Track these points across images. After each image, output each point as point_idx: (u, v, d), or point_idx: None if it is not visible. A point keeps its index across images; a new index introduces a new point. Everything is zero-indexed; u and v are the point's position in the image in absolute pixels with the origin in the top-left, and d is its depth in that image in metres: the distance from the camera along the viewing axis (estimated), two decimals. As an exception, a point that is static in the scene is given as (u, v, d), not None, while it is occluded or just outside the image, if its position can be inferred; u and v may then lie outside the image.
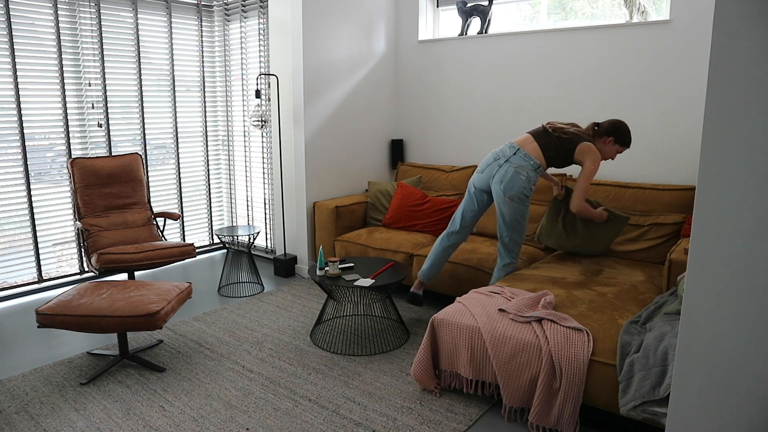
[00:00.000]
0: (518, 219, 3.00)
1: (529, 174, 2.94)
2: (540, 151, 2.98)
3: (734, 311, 1.21)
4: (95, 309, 2.64)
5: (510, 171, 2.95)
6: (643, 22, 3.53)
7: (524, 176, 2.93)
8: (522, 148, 2.99)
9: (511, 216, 2.99)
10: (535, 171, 2.96)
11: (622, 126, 3.02)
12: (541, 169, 2.98)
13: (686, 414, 1.31)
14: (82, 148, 4.20)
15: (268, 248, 4.97)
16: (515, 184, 2.93)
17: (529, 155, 2.96)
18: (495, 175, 3.00)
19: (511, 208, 2.97)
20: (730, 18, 1.12)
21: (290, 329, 3.37)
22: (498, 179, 2.98)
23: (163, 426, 2.36)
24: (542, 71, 3.99)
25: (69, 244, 4.23)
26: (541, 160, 2.97)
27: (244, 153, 5.01)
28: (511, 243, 3.07)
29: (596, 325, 2.36)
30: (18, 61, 3.79)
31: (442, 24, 4.72)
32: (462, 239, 3.26)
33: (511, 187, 2.93)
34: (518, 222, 3.01)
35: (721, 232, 1.19)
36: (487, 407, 2.50)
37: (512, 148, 3.02)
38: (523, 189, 2.94)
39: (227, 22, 4.92)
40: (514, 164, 2.95)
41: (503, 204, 2.98)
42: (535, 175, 2.96)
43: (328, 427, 2.35)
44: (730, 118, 1.15)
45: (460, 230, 3.21)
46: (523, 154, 2.97)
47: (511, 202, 2.95)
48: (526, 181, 2.93)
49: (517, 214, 2.98)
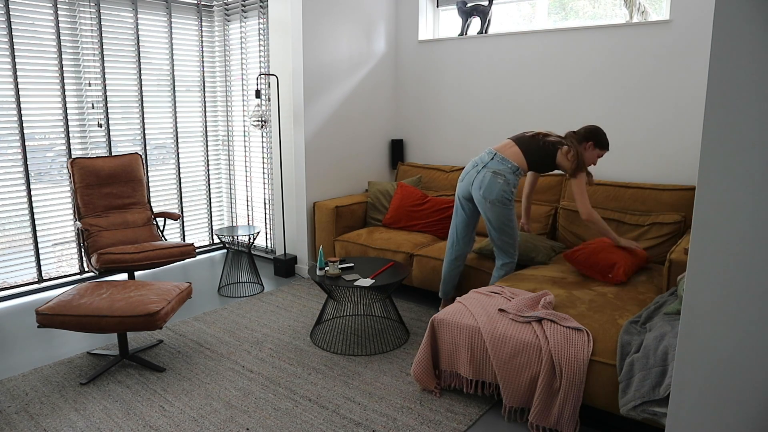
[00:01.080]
0: (504, 222, 3.01)
1: (507, 177, 2.96)
2: (521, 154, 3.01)
3: (734, 311, 1.21)
4: (95, 309, 2.64)
5: (488, 176, 2.97)
6: (643, 22, 3.53)
7: (502, 180, 2.95)
8: (500, 153, 3.02)
9: (496, 220, 3.01)
10: (514, 174, 2.98)
11: (598, 130, 3.02)
12: (520, 171, 2.99)
13: (686, 414, 1.31)
14: (82, 148, 4.20)
15: (268, 248, 4.97)
16: (494, 188, 2.95)
17: (507, 159, 2.99)
18: (474, 181, 3.04)
19: (494, 212, 2.99)
20: (730, 18, 1.12)
21: (290, 329, 3.38)
22: (477, 185, 3.01)
23: (163, 426, 2.36)
24: (542, 71, 3.99)
25: (69, 244, 4.23)
26: (521, 164, 2.99)
27: (244, 153, 5.01)
28: (503, 245, 3.09)
29: (596, 325, 2.36)
30: (18, 61, 3.79)
31: (442, 24, 4.72)
32: (465, 249, 3.27)
33: (490, 191, 2.96)
34: (505, 225, 3.02)
35: (721, 232, 1.19)
36: (487, 407, 2.50)
37: (490, 153, 3.05)
38: (503, 192, 2.95)
39: (227, 22, 4.92)
40: (492, 168, 2.98)
41: (486, 209, 3.00)
42: (515, 178, 2.98)
43: (328, 427, 2.35)
44: (730, 118, 1.15)
45: (458, 242, 3.25)
46: (500, 158, 3.00)
47: (492, 206, 2.97)
48: (504, 185, 2.95)
49: (502, 217, 3.00)
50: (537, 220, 3.72)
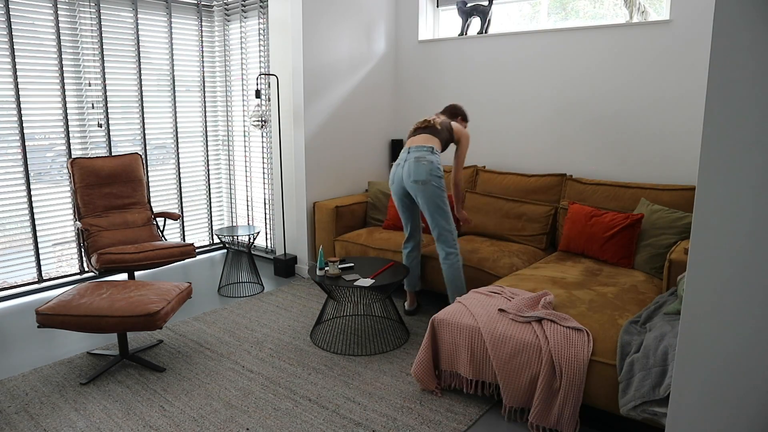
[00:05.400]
0: (438, 203, 3.20)
1: (428, 157, 3.19)
2: (429, 136, 3.31)
3: (734, 311, 1.21)
4: (95, 309, 2.64)
5: (411, 163, 3.21)
6: (643, 22, 3.53)
7: (425, 162, 3.18)
8: (411, 145, 3.29)
9: (431, 200, 3.18)
10: (433, 153, 3.22)
11: (460, 107, 3.56)
12: (436, 150, 3.25)
13: (686, 414, 1.31)
14: (82, 148, 4.20)
15: (268, 248, 4.97)
16: (420, 170, 3.17)
17: (420, 145, 3.25)
18: (402, 175, 3.26)
19: (428, 192, 3.18)
20: (730, 18, 1.12)
21: (290, 329, 3.38)
22: (406, 176, 3.23)
23: (163, 426, 2.36)
24: (542, 71, 3.99)
25: (69, 244, 4.23)
26: (434, 144, 3.27)
27: (244, 153, 5.01)
28: (441, 230, 3.23)
29: (596, 325, 2.36)
30: (18, 61, 3.79)
31: (442, 24, 4.72)
32: (416, 239, 3.48)
33: (419, 173, 3.17)
34: (439, 207, 3.20)
35: (721, 232, 1.19)
36: (487, 407, 2.50)
37: (405, 150, 3.32)
38: (431, 170, 3.16)
39: (227, 22, 4.92)
40: (412, 157, 3.22)
41: (419, 193, 3.20)
42: (436, 157, 3.22)
43: (328, 427, 2.35)
44: (730, 118, 1.15)
45: (410, 236, 3.47)
46: (414, 147, 3.26)
47: (425, 186, 3.17)
48: (428, 164, 3.17)
49: (435, 197, 3.18)
50: (537, 220, 3.72)
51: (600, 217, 3.33)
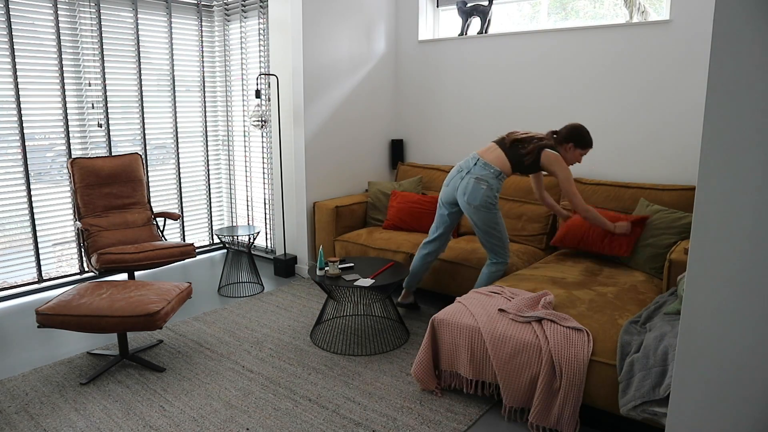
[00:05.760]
0: (491, 225, 3.05)
1: (491, 182, 3.00)
2: (505, 157, 3.03)
3: (734, 311, 1.21)
4: (95, 309, 2.64)
5: (471, 182, 3.02)
6: (643, 22, 3.53)
7: (485, 185, 2.99)
8: (482, 158, 3.06)
9: (482, 223, 3.05)
10: (497, 178, 3.01)
11: (579, 129, 3.05)
12: (503, 176, 3.04)
13: (686, 414, 1.31)
14: (82, 148, 4.20)
15: (268, 248, 4.97)
16: (477, 194, 2.99)
17: (489, 164, 3.02)
18: (459, 187, 3.09)
19: (479, 216, 3.03)
20: (730, 18, 1.12)
21: (290, 329, 3.37)
22: (461, 191, 3.06)
23: (163, 426, 2.36)
24: (542, 71, 3.99)
25: (69, 244, 4.23)
26: (504, 167, 3.02)
27: (244, 153, 5.01)
28: (491, 246, 3.12)
29: (596, 325, 2.36)
30: (18, 61, 3.79)
31: (442, 24, 4.72)
32: (439, 248, 3.34)
33: (474, 197, 3.00)
34: (492, 228, 3.06)
35: (721, 232, 1.19)
36: (487, 407, 2.50)
37: (474, 158, 3.09)
38: (487, 198, 2.99)
39: (227, 22, 4.92)
40: (475, 174, 3.02)
41: (471, 213, 3.05)
42: (497, 182, 3.02)
43: (328, 427, 2.35)
44: (730, 118, 1.15)
45: (436, 239, 3.30)
46: (482, 164, 3.03)
47: (477, 211, 3.02)
48: (488, 190, 2.99)
49: (488, 221, 3.04)
50: (537, 220, 3.72)
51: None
